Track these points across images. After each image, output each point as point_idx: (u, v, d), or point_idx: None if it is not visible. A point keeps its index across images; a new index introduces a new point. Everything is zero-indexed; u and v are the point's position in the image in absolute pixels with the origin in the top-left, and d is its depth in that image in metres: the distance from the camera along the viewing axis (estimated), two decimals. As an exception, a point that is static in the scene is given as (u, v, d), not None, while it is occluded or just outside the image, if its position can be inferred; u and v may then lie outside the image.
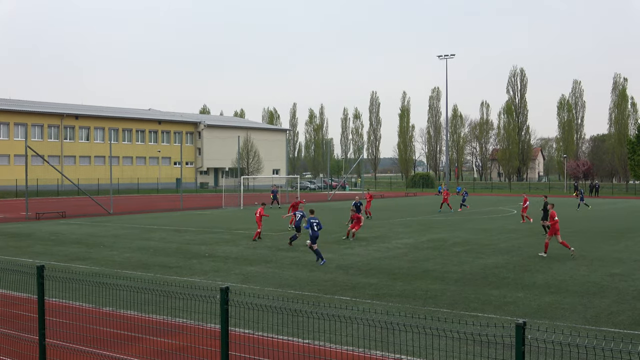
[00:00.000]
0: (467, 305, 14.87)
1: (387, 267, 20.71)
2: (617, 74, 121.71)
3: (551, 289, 16.80)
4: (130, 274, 19.38)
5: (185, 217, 44.39)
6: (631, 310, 14.29)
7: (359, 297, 15.84)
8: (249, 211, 50.83)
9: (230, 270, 20.25)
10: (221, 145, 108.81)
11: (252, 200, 64.51)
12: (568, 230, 33.66)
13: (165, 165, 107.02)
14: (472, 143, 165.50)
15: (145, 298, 12.84)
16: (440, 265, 21.10)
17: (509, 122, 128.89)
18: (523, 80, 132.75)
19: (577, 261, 22.05)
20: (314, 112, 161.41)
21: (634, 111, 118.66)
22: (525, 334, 5.91)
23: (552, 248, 25.70)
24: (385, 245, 26.79)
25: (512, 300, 15.36)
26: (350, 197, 63.55)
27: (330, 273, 19.58)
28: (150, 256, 23.83)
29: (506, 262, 21.80)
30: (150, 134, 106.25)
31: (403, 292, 16.49)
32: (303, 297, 15.32)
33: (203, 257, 23.44)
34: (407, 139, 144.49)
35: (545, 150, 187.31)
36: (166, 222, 40.11)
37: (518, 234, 31.80)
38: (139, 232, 33.40)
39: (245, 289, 16.58)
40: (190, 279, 18.60)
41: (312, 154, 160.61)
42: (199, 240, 28.95)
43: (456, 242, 27.87)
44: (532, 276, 18.92)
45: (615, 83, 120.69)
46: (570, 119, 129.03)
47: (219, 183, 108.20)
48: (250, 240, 28.67)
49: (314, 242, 21.82)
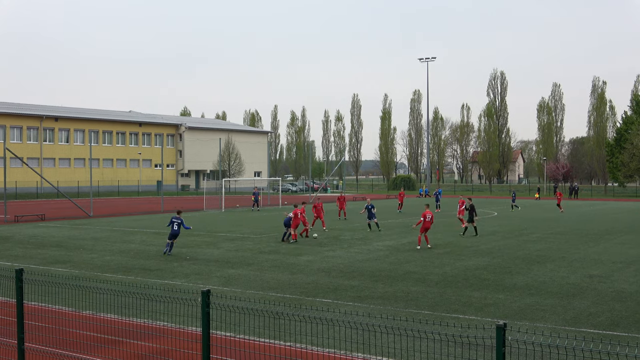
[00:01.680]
0: (448, 307, 14.93)
1: (369, 269, 20.75)
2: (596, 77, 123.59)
3: (531, 291, 16.93)
4: (110, 277, 19.23)
5: (166, 220, 44.03)
6: (610, 312, 14.43)
7: (341, 299, 15.86)
8: (231, 214, 50.68)
9: (212, 273, 20.18)
10: (202, 148, 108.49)
11: (234, 202, 64.33)
12: (547, 232, 33.95)
13: (146, 167, 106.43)
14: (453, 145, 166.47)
15: (125, 301, 12.75)
16: (422, 267, 21.18)
17: (490, 125, 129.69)
18: (503, 83, 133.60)
19: (557, 263, 22.24)
20: (295, 114, 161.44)
21: (612, 114, 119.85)
22: (505, 336, 5.95)
23: (531, 250, 25.91)
24: (366, 248, 26.84)
25: (492, 302, 15.45)
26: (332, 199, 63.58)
27: (312, 275, 19.58)
28: (131, 259, 23.68)
29: (487, 264, 21.92)
30: (130, 136, 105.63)
31: (384, 294, 16.52)
32: (285, 300, 15.30)
33: (184, 259, 23.33)
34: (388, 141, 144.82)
35: (525, 153, 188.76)
36: (147, 224, 39.88)
37: (498, 235, 32.00)
38: (119, 234, 33.18)
39: (227, 291, 16.53)
40: (171, 281, 18.50)
41: (294, 156, 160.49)
42: (180, 243, 28.80)
43: (437, 244, 27.97)
44: (512, 278, 19.05)
45: (594, 86, 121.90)
46: (549, 121, 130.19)
47: (200, 185, 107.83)
48: (230, 243, 28.61)
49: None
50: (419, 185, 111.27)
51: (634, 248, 26.88)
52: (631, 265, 21.73)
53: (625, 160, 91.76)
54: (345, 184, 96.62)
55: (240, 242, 29.25)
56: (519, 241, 29.38)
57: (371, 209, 34.12)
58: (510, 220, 43.39)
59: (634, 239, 30.50)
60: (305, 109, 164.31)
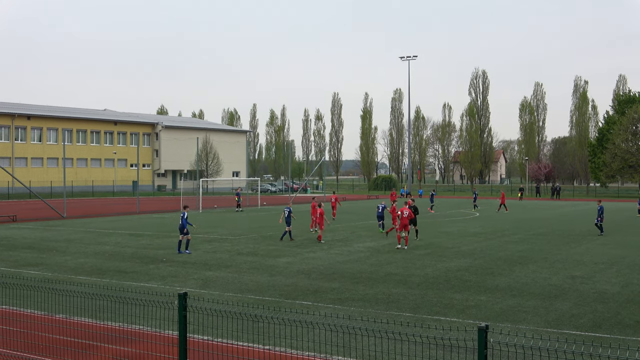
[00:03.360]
0: (429, 309, 15.00)
1: (349, 271, 20.78)
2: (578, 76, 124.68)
3: (513, 292, 17.05)
4: (84, 279, 19.08)
5: (142, 221, 43.91)
6: (592, 313, 14.57)
7: (321, 301, 15.86)
8: (208, 214, 50.48)
9: (189, 276, 20.10)
10: (179, 147, 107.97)
11: (211, 203, 64.13)
12: (529, 233, 34.23)
13: (121, 167, 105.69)
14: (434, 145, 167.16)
15: (100, 305, 12.64)
16: (403, 269, 21.25)
17: (471, 125, 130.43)
18: (485, 83, 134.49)
19: (539, 264, 22.42)
20: (275, 113, 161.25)
21: (594, 114, 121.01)
22: (487, 338, 5.98)
23: (513, 251, 26.11)
24: (347, 249, 26.88)
25: (474, 304, 15.54)
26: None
27: (292, 277, 19.57)
28: (106, 261, 23.51)
29: (469, 265, 22.05)
30: (105, 135, 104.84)
31: (365, 296, 16.56)
32: (263, 303, 15.27)
33: (160, 262, 23.21)
34: (369, 141, 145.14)
35: (507, 153, 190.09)
36: (122, 226, 39.61)
37: (480, 237, 32.20)
38: (93, 236, 32.93)
39: (204, 294, 16.46)
40: (147, 284, 18.40)
41: (273, 155, 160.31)
42: (157, 245, 28.66)
43: (418, 245, 28.08)
44: (494, 279, 19.17)
45: (576, 86, 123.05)
46: (531, 121, 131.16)
47: (177, 186, 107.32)
48: (208, 245, 28.51)
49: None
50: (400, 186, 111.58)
51: (616, 249, 27.19)
52: (613, 266, 21.97)
53: (607, 161, 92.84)
54: (325, 184, 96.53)
55: (218, 243, 29.16)
56: (501, 242, 29.59)
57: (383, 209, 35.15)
58: (492, 221, 43.69)
59: (616, 240, 30.86)
60: (285, 108, 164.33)
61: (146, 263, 22.88)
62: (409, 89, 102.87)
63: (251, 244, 28.60)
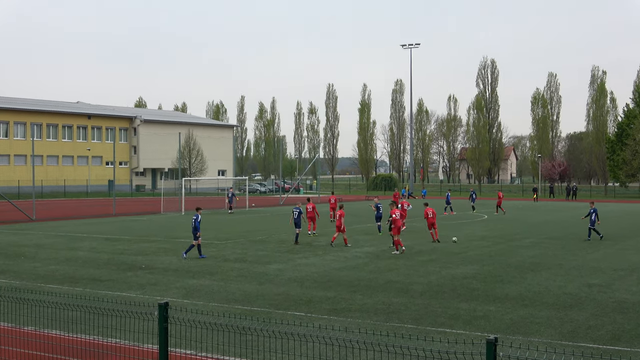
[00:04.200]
0: (433, 320, 15.02)
1: (346, 279, 20.78)
2: (595, 66, 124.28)
3: (525, 302, 17.08)
4: (55, 288, 19.04)
5: (119, 224, 43.83)
6: (611, 324, 14.61)
7: (315, 312, 15.86)
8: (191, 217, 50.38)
9: (170, 284, 20.08)
10: (160, 143, 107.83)
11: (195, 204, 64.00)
12: (542, 236, 34.30)
13: (95, 165, 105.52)
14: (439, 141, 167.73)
15: (73, 316, 12.61)
16: (404, 277, 21.27)
17: (479, 119, 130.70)
18: (494, 73, 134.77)
19: (553, 271, 22.47)
20: (264, 106, 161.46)
21: (613, 107, 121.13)
22: (497, 351, 5.99)
23: (524, 257, 26.15)
24: (343, 255, 26.89)
25: (482, 314, 15.57)
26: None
27: (283, 286, 19.56)
28: (79, 268, 23.46)
29: (476, 273, 22.08)
30: (78, 130, 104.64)
31: (363, 306, 16.56)
32: (252, 313, 15.27)
33: (139, 269, 23.18)
34: (367, 136, 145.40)
35: (518, 150, 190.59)
36: (97, 229, 39.55)
37: (489, 241, 32.26)
38: (65, 241, 32.87)
39: (187, 304, 16.45)
40: (125, 293, 18.37)
41: (263, 152, 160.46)
42: (135, 250, 28.62)
43: (422, 251, 28.11)
44: (504, 288, 19.21)
45: (593, 76, 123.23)
46: (545, 115, 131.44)
47: (157, 186, 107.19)
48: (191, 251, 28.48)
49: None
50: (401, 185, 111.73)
51: (636, 254, 27.26)
52: (634, 273, 22.03)
53: (627, 158, 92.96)
54: (319, 184, 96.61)
55: (202, 249, 29.12)
56: (511, 247, 29.64)
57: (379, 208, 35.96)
58: (501, 224, 43.77)
59: (636, 245, 30.94)
60: (275, 101, 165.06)
61: (123, 270, 22.84)
62: (411, 79, 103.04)
63: (239, 250, 28.59)
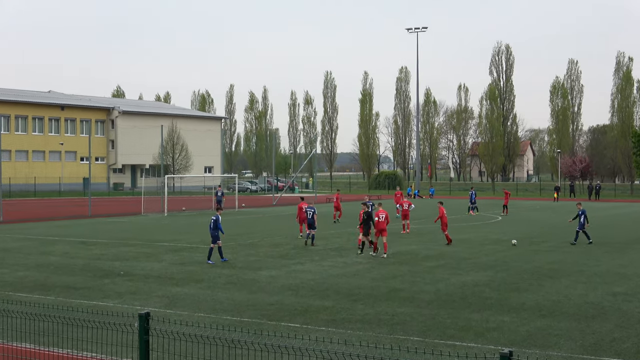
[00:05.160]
0: (442, 332, 15.03)
1: (346, 287, 20.79)
2: (620, 52, 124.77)
3: (542, 312, 17.11)
4: (24, 297, 19.02)
5: (95, 226, 43.80)
6: (637, 336, 14.65)
7: (311, 323, 15.88)
8: (175, 218, 50.42)
9: (152, 292, 20.07)
10: (140, 137, 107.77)
11: (179, 204, 64.03)
12: (562, 240, 34.31)
13: (69, 161, 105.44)
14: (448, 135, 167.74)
15: (44, 327, 12.60)
16: (410, 284, 21.28)
17: (492, 110, 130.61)
18: (509, 60, 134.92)
19: (573, 278, 22.49)
20: (255, 96, 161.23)
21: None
22: (512, 366, 6.00)
23: (542, 262, 26.18)
24: (343, 260, 26.90)
25: (496, 326, 15.59)
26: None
27: (276, 294, 19.57)
28: (51, 275, 23.44)
29: (489, 280, 22.10)
30: (50, 123, 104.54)
31: (365, 316, 16.58)
32: (242, 325, 15.27)
33: (117, 275, 23.17)
34: (369, 129, 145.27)
35: (535, 144, 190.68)
36: (71, 232, 39.51)
37: (503, 245, 32.27)
38: (36, 244, 32.84)
39: (170, 314, 16.45)
40: (101, 302, 18.37)
41: (254, 147, 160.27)
42: (112, 255, 28.60)
43: (429, 256, 28.14)
44: (520, 296, 19.23)
45: (618, 64, 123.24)
46: (565, 106, 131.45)
47: (138, 184, 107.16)
48: (174, 255, 28.48)
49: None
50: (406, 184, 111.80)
51: (665, 259, 27.31)
52: (662, 281, 22.07)
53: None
54: (316, 182, 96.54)
55: (187, 253, 29.14)
56: (528, 251, 29.66)
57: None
58: (517, 226, 43.80)
59: (665, 249, 30.98)
60: (267, 90, 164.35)
61: (100, 277, 22.83)
62: (418, 67, 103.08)
63: (227, 254, 28.57)
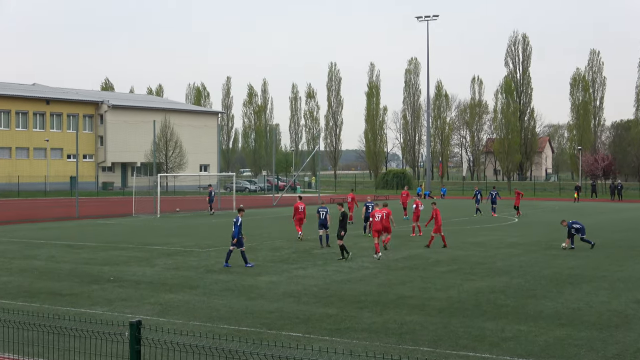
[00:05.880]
0: (454, 342, 15.03)
1: (351, 293, 20.79)
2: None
3: (562, 320, 17.10)
4: (8, 304, 19.04)
5: (83, 228, 43.82)
6: (663, 347, 14.64)
7: (314, 332, 15.88)
8: (169, 220, 50.42)
9: (143, 299, 20.09)
10: (131, 133, 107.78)
11: (173, 205, 64.05)
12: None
13: (55, 159, 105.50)
14: (460, 131, 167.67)
15: (28, 336, 12.62)
16: (420, 290, 21.27)
17: (508, 104, 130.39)
18: (526, 50, 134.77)
19: (595, 284, 22.47)
20: (254, 90, 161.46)
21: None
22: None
23: (562, 267, 26.15)
24: (347, 265, 26.89)
25: (512, 335, 15.58)
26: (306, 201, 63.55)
27: (276, 302, 19.57)
28: (36, 280, 23.46)
29: (505, 286, 22.09)
30: (35, 117, 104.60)
31: (371, 325, 16.58)
32: (240, 334, 15.28)
33: (107, 281, 23.18)
34: (376, 125, 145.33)
35: (554, 141, 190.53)
36: (57, 234, 39.54)
37: (520, 248, 32.24)
38: (19, 248, 32.87)
39: (163, 323, 16.46)
40: (90, 310, 18.38)
41: (253, 144, 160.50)
42: (101, 259, 28.62)
43: (440, 260, 28.12)
44: (537, 303, 19.22)
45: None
46: (586, 100, 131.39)
47: (128, 183, 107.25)
48: (168, 259, 28.49)
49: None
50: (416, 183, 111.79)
51: (694, 264, 27.27)
52: (690, 287, 22.05)
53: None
54: (319, 181, 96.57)
55: (181, 257, 29.15)
56: (547, 256, 29.64)
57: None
58: (535, 228, 43.74)
59: (693, 253, 30.93)
60: (266, 83, 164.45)
61: (88, 283, 22.84)
62: (428, 58, 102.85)
63: (224, 259, 28.57)
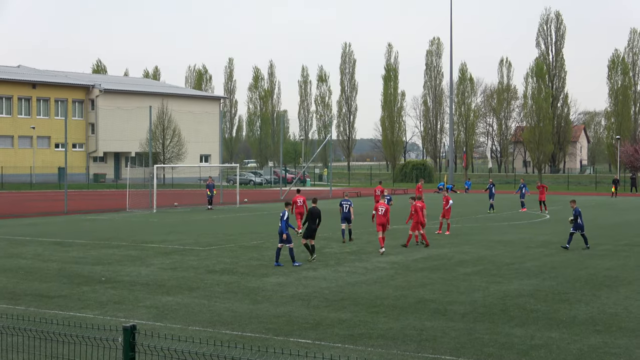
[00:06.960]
0: (479, 349, 15.04)
1: (366, 296, 20.81)
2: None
3: (597, 327, 17.08)
4: (-10, 307, 19.14)
5: (72, 224, 43.94)
6: None
7: (325, 339, 15.91)
8: (166, 216, 50.48)
9: (138, 302, 20.14)
10: (125, 120, 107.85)
11: (170, 199, 64.12)
12: (621, 243, 34.15)
13: (42, 148, 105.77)
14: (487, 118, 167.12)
15: (13, 342, 12.69)
16: (441, 294, 21.28)
17: (540, 89, 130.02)
18: (559, 30, 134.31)
19: (634, 287, 22.42)
20: (260, 72, 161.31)
21: None
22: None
23: (598, 269, 26.09)
24: (362, 265, 26.89)
25: (542, 343, 15.58)
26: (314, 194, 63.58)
27: (284, 305, 19.60)
28: (21, 281, 23.55)
29: (534, 289, 22.07)
30: (20, 103, 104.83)
31: (388, 331, 16.60)
32: (244, 340, 15.32)
33: (98, 282, 23.24)
34: (394, 112, 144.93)
35: (590, 130, 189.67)
36: (44, 231, 39.67)
37: (552, 248, 32.18)
38: (3, 245, 32.98)
39: (160, 327, 16.51)
40: (80, 314, 18.44)
41: (258, 132, 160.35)
42: (93, 258, 28.69)
43: (464, 261, 28.10)
44: (571, 308, 19.20)
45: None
46: (625, 84, 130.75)
47: (122, 175, 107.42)
48: (165, 258, 28.54)
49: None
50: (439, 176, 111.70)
51: None
52: None
53: None
54: (331, 174, 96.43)
55: (179, 256, 29.20)
56: (581, 256, 29.57)
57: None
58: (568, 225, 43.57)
59: None
60: (273, 65, 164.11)
61: (78, 284, 22.90)
62: (451, 37, 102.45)
63: (227, 258, 28.62)
